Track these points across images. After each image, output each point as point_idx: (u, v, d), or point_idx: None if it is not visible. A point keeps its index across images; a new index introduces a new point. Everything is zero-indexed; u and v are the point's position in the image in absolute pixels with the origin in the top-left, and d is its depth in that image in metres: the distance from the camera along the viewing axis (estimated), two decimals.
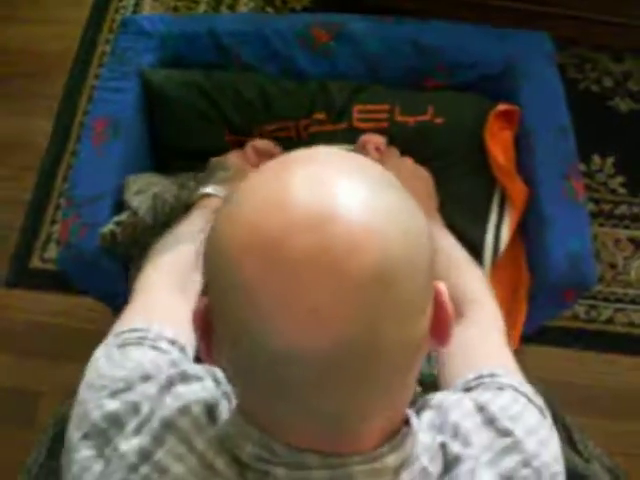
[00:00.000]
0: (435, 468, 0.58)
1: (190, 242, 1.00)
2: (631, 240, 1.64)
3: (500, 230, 1.26)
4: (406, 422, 0.58)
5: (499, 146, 1.28)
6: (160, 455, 0.58)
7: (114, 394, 0.64)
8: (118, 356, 0.69)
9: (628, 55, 1.88)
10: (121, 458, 0.59)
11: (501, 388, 0.69)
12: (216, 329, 0.53)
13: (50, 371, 1.44)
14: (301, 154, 0.53)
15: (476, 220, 1.26)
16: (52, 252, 1.56)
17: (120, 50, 1.29)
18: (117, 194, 1.19)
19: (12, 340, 1.49)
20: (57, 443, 1.20)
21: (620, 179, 1.71)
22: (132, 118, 1.25)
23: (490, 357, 0.82)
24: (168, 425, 0.59)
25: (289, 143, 1.29)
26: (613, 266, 1.61)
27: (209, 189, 1.19)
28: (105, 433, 0.62)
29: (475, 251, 1.20)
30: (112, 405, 0.63)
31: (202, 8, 1.78)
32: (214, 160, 1.26)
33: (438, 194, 1.25)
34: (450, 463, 0.59)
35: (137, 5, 1.80)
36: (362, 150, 1.25)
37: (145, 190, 1.18)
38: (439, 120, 1.29)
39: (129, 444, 0.59)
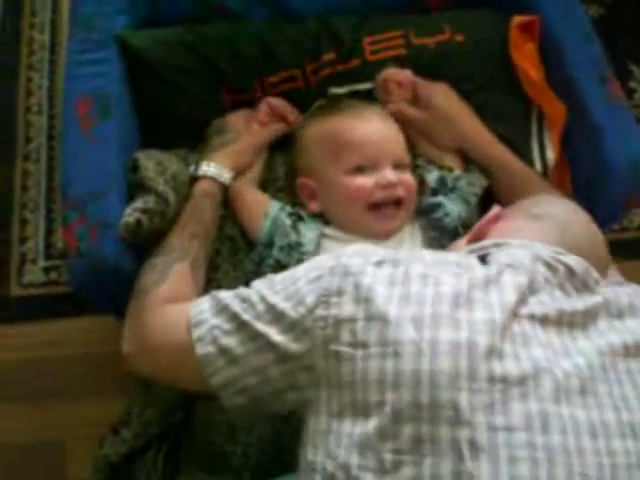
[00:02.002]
0: None
1: (182, 261, 0.93)
2: None
3: (545, 152, 1.16)
4: None
5: (527, 61, 1.17)
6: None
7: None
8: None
9: None
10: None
11: None
12: None
13: (65, 411, 1.22)
14: None
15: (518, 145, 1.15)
16: (31, 275, 1.34)
17: (84, 17, 1.10)
18: (123, 181, 1.00)
19: (11, 386, 1.26)
20: None
21: None
22: (118, 91, 1.06)
23: None
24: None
25: (298, 96, 1.14)
26: None
27: (202, 169, 1.02)
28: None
29: None
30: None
31: None
32: (213, 123, 1.10)
33: None
34: None
35: None
36: (385, 92, 1.12)
37: (161, 171, 0.99)
38: (460, 38, 1.16)
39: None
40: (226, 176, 1.03)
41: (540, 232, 0.83)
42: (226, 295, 0.78)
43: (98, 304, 1.07)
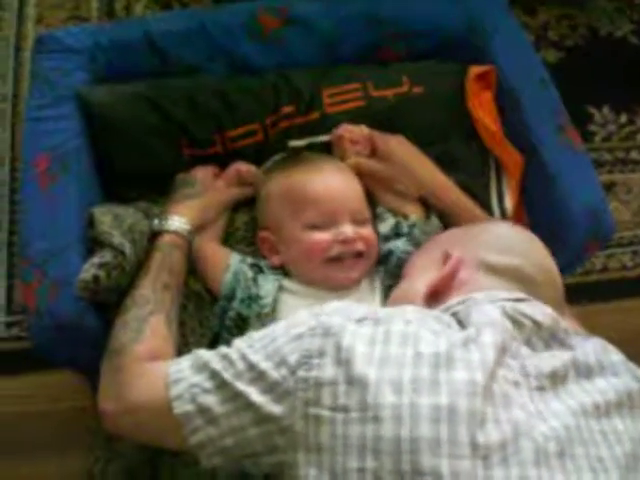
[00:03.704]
0: None
1: (156, 314, 0.91)
2: None
3: (503, 200, 1.18)
4: None
5: (484, 110, 1.19)
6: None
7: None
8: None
9: (538, 6, 1.87)
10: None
11: None
12: None
13: (26, 469, 1.18)
14: None
15: (477, 193, 1.17)
16: None
17: (43, 73, 1.09)
18: (83, 238, 0.99)
19: None
20: None
21: None
22: (77, 147, 1.05)
23: None
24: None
25: (258, 149, 1.14)
26: None
27: (168, 222, 1.01)
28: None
29: None
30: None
31: None
32: (179, 176, 1.10)
33: None
34: None
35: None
36: (339, 149, 1.13)
37: (118, 224, 0.98)
38: (418, 90, 1.18)
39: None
40: (189, 230, 1.01)
41: (499, 287, 0.82)
42: (206, 353, 0.77)
43: (58, 362, 1.05)
